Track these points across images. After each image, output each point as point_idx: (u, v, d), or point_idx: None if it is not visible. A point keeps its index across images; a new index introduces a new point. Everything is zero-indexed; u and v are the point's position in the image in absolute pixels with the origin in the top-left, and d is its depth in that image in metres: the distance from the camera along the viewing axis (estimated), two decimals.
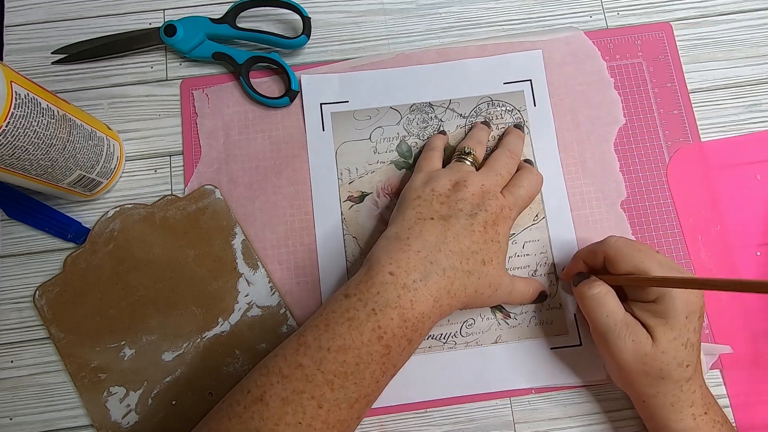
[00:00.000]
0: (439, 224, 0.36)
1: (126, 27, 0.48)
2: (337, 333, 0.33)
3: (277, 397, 0.32)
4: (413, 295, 0.33)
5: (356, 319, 0.33)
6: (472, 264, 0.36)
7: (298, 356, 0.33)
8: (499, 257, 0.37)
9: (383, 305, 0.33)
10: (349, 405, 0.32)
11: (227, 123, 0.46)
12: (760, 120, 0.46)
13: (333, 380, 0.32)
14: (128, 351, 0.41)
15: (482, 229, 0.36)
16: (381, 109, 0.46)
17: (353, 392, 0.32)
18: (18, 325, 0.43)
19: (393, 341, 0.33)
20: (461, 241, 0.36)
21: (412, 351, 0.35)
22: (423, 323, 0.34)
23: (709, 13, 0.48)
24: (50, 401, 0.41)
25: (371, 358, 0.32)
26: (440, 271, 0.34)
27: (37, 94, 0.36)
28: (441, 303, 0.34)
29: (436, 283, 0.34)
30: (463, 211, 0.37)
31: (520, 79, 0.46)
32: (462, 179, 0.38)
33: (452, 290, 0.35)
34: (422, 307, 0.33)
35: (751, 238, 0.43)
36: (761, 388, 0.41)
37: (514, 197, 0.39)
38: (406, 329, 0.33)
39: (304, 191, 0.45)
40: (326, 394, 0.32)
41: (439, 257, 0.35)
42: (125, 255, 0.43)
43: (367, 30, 0.48)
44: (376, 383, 0.33)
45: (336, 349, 0.32)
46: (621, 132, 0.45)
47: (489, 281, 0.36)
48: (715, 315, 0.42)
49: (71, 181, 0.40)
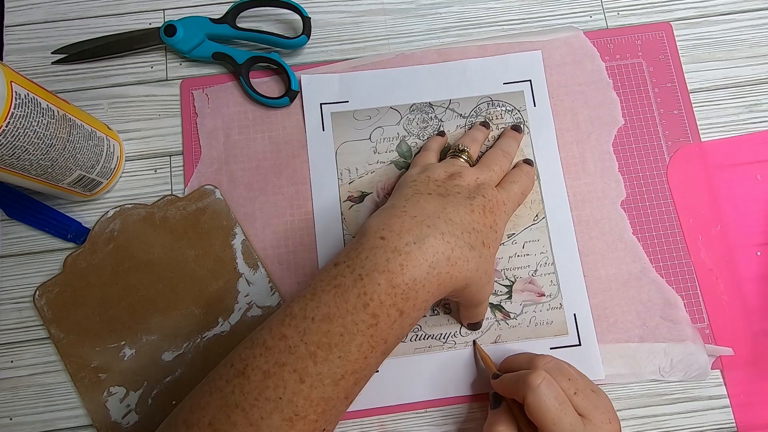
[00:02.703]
0: (438, 198, 0.34)
1: (126, 27, 0.48)
2: (323, 301, 0.31)
3: (258, 370, 0.30)
4: (404, 259, 0.31)
5: (342, 286, 0.31)
6: (473, 239, 0.33)
7: (282, 327, 0.31)
8: (495, 247, 0.35)
9: (370, 269, 0.31)
10: (334, 381, 0.30)
11: (227, 123, 0.46)
12: (760, 120, 0.46)
13: (316, 352, 0.30)
14: (128, 351, 0.41)
15: (481, 211, 0.35)
16: (381, 109, 0.46)
17: (338, 366, 0.30)
18: (18, 325, 0.43)
19: (380, 310, 0.30)
20: (462, 215, 0.34)
21: (406, 326, 0.32)
22: (416, 291, 0.31)
23: (709, 13, 0.48)
24: (50, 401, 0.41)
25: (357, 328, 0.30)
26: (438, 234, 0.32)
27: (37, 94, 0.36)
28: (439, 270, 0.31)
29: (432, 247, 0.31)
30: (461, 193, 0.35)
31: (520, 79, 0.46)
32: (457, 171, 0.38)
33: (452, 258, 0.32)
34: (414, 272, 0.31)
35: (751, 238, 0.43)
36: (761, 388, 0.41)
37: (508, 193, 0.39)
38: (395, 297, 0.30)
39: (304, 191, 0.45)
40: (309, 368, 0.30)
41: (438, 222, 0.32)
42: (125, 255, 0.43)
43: (367, 30, 0.48)
44: (365, 359, 0.31)
45: (320, 318, 0.30)
46: (621, 132, 0.45)
47: (486, 267, 0.34)
48: (715, 315, 0.42)
49: (71, 181, 0.40)
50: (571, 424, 0.31)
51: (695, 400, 0.41)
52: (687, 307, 0.42)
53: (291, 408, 0.30)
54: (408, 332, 0.33)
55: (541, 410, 0.31)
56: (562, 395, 0.32)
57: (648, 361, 0.41)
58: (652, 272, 0.43)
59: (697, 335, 0.41)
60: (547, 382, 0.32)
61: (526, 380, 0.33)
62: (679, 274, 0.43)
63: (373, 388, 0.41)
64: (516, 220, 0.44)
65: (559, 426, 0.31)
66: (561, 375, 0.34)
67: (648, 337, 0.42)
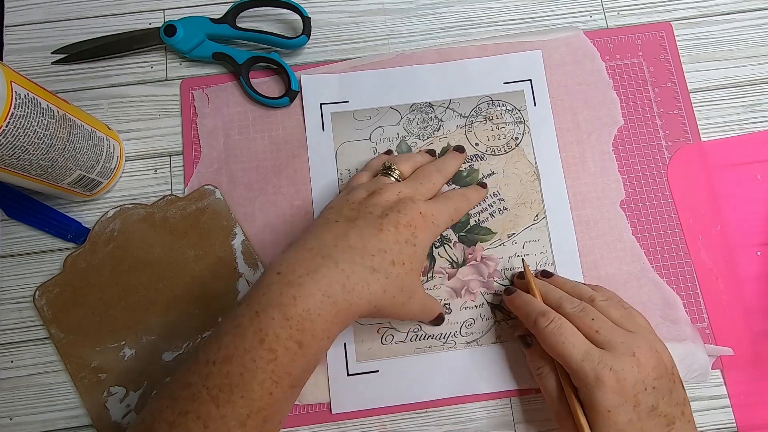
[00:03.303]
0: (343, 225, 0.34)
1: (126, 27, 0.48)
2: (223, 343, 0.30)
3: (164, 422, 0.30)
4: (296, 291, 0.31)
5: (241, 326, 0.30)
6: (377, 262, 0.33)
7: (188, 375, 0.31)
8: (414, 263, 0.35)
9: (266, 305, 0.30)
10: (240, 423, 0.29)
11: (227, 123, 0.46)
12: (760, 120, 0.46)
13: (218, 395, 0.29)
14: (128, 351, 0.41)
15: (393, 228, 0.34)
16: (381, 109, 0.46)
17: (242, 407, 0.29)
18: (18, 325, 0.43)
19: (277, 343, 0.30)
20: (365, 239, 0.33)
21: (311, 357, 0.31)
22: (311, 322, 0.30)
23: (709, 13, 0.48)
24: (50, 401, 0.41)
25: (256, 365, 0.30)
26: (332, 264, 0.32)
27: (37, 94, 0.36)
28: (335, 299, 0.31)
29: (325, 276, 0.31)
30: (373, 213, 0.35)
31: (520, 78, 0.46)
32: (378, 188, 0.37)
33: (348, 285, 0.32)
34: (308, 302, 0.30)
35: (751, 238, 0.43)
36: (761, 388, 0.41)
37: (438, 206, 0.37)
38: (290, 329, 0.30)
39: (304, 191, 0.45)
40: (212, 412, 0.29)
41: (334, 252, 0.32)
42: (125, 255, 0.43)
43: (367, 30, 0.48)
44: (270, 395, 0.30)
45: (221, 360, 0.30)
46: (621, 132, 0.45)
47: (401, 285, 0.34)
48: (715, 315, 0.42)
49: (71, 181, 0.40)
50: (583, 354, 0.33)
51: (695, 400, 0.41)
52: (687, 307, 0.42)
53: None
54: (319, 361, 0.33)
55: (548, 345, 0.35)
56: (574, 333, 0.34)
57: None
58: (652, 272, 0.43)
59: (697, 335, 0.41)
60: (553, 327, 0.35)
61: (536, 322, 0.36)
62: (679, 274, 0.43)
63: (373, 388, 0.41)
64: (516, 220, 0.44)
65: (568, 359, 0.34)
66: (584, 317, 0.35)
67: None
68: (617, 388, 0.32)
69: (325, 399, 0.41)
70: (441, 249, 0.43)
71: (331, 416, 0.41)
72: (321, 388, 0.41)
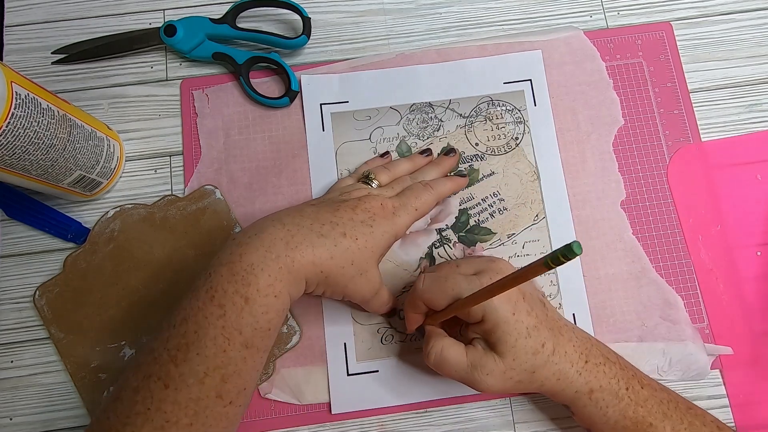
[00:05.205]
0: (304, 205, 0.37)
1: (126, 27, 0.48)
2: (182, 306, 0.32)
3: (129, 388, 0.31)
4: (243, 249, 0.32)
5: (196, 288, 0.32)
6: (326, 230, 0.34)
7: (151, 342, 0.32)
8: (369, 242, 0.35)
9: (217, 265, 0.32)
10: (199, 380, 0.31)
11: (227, 123, 0.46)
12: (760, 120, 0.46)
13: (176, 355, 0.31)
14: (128, 351, 0.41)
15: (350, 210, 0.36)
16: (381, 109, 0.46)
17: (198, 364, 0.31)
18: (18, 325, 0.43)
19: (225, 298, 0.31)
20: (320, 212, 0.35)
21: (259, 317, 0.32)
22: (255, 276, 0.31)
23: (709, 13, 0.48)
24: (50, 401, 0.41)
25: (207, 321, 0.31)
26: (279, 225, 0.33)
27: (37, 95, 0.36)
28: (278, 254, 0.32)
29: (270, 234, 0.33)
30: (334, 200, 0.38)
31: (520, 78, 0.46)
32: (352, 190, 0.39)
33: (292, 243, 0.33)
34: (251, 257, 0.32)
35: (751, 238, 0.43)
36: (761, 388, 0.41)
37: (402, 200, 0.39)
38: (236, 283, 0.31)
39: (304, 191, 0.45)
40: (171, 371, 0.31)
41: (283, 215, 0.35)
42: (125, 255, 0.43)
43: (367, 30, 0.48)
44: (224, 353, 0.31)
45: (179, 322, 0.32)
46: (621, 132, 0.45)
47: (351, 257, 0.34)
48: (715, 315, 0.42)
49: (71, 181, 0.40)
50: (466, 279, 0.35)
51: (695, 399, 0.41)
52: (687, 306, 0.42)
53: (160, 416, 0.30)
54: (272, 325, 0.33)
55: (429, 288, 0.35)
56: (443, 273, 0.36)
57: (647, 361, 0.41)
58: (652, 272, 0.43)
59: (697, 335, 0.41)
60: (422, 279, 0.36)
61: (415, 289, 0.36)
62: (679, 274, 0.43)
63: (372, 388, 0.41)
64: (516, 220, 0.44)
65: (455, 282, 0.35)
66: (440, 271, 0.37)
67: (647, 337, 0.42)
68: (505, 298, 0.34)
69: (324, 399, 0.41)
70: (441, 249, 0.43)
71: (331, 416, 0.41)
72: (321, 388, 0.41)
